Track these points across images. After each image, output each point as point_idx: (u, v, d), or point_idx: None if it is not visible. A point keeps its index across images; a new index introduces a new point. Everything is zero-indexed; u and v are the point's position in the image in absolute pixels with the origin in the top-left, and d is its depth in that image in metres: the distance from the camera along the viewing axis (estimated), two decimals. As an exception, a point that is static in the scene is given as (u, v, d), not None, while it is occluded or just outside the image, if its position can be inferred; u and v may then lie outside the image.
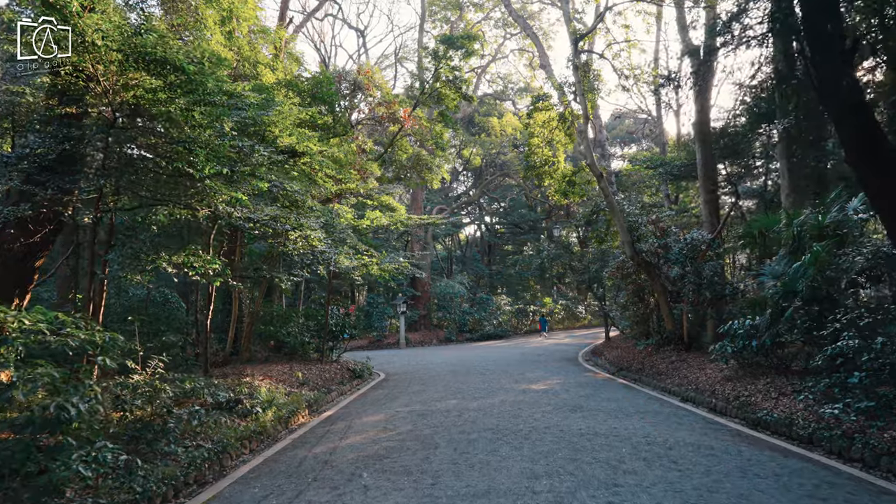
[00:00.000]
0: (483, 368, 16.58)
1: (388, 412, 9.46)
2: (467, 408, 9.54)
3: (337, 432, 7.90)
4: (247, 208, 7.62)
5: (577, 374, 14.92)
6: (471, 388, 12.19)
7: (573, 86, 17.07)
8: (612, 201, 15.62)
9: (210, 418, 6.87)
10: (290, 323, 14.43)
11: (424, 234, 32.99)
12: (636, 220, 15.66)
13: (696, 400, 10.11)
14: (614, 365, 16.09)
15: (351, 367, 15.06)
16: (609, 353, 18.68)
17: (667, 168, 20.22)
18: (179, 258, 6.56)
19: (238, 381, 10.39)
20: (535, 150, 17.71)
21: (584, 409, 9.21)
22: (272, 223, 8.24)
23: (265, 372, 11.92)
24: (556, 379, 13.72)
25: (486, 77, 37.48)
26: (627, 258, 16.18)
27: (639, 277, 16.21)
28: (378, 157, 16.86)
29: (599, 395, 10.78)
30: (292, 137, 10.38)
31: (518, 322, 34.84)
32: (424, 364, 18.91)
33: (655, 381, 12.54)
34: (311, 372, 13.32)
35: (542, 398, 10.46)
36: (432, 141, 16.54)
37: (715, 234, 14.39)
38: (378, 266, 13.98)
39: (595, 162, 15.87)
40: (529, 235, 40.44)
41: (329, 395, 11.34)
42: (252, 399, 8.37)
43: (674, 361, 13.65)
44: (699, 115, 18.44)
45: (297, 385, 11.19)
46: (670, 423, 8.03)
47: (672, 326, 14.80)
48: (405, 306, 28.74)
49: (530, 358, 19.95)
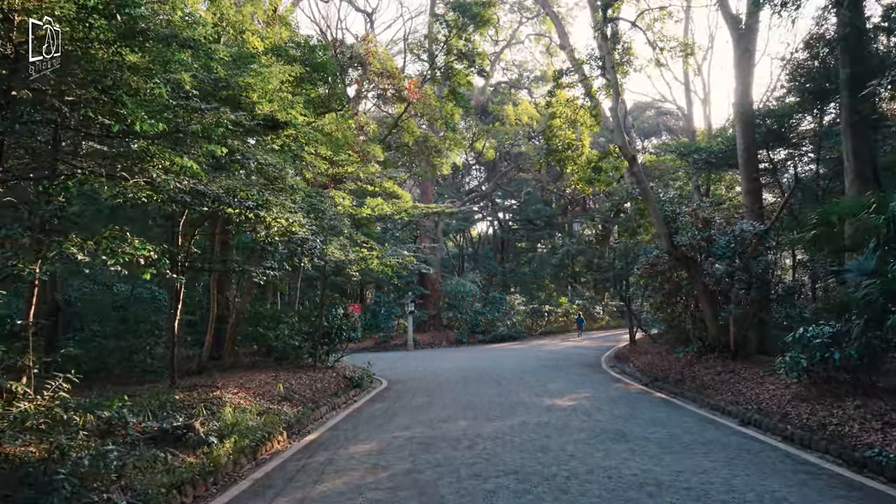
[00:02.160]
0: (497, 376, 14.75)
1: (383, 438, 7.66)
2: (481, 434, 7.71)
3: (313, 471, 6.12)
4: (197, 179, 5.85)
5: (606, 385, 13.03)
6: (484, 403, 10.37)
7: (600, 59, 15.15)
8: (646, 188, 13.70)
9: (134, 457, 5.12)
10: (281, 324, 12.71)
11: (434, 229, 31.18)
12: (673, 210, 13.72)
13: (763, 424, 8.18)
14: (646, 374, 14.17)
15: (348, 375, 13.30)
16: (638, 360, 16.76)
17: (701, 155, 18.21)
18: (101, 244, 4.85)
19: (206, 395, 8.66)
20: (557, 133, 15.82)
21: (629, 437, 7.34)
22: (227, 199, 6.47)
23: (243, 382, 10.18)
24: (584, 392, 11.85)
25: (500, 65, 35.51)
26: (663, 253, 14.25)
27: (675, 275, 14.28)
28: (382, 140, 15.07)
29: (641, 416, 8.90)
30: (273, 104, 8.63)
31: (533, 323, 32.89)
32: (432, 369, 17.12)
33: (702, 397, 10.63)
34: (300, 381, 11.57)
35: (573, 420, 8.60)
36: (442, 121, 14.73)
37: (769, 225, 12.42)
38: (378, 260, 12.19)
39: (626, 143, 13.96)
40: (544, 232, 38.47)
41: (317, 412, 9.57)
42: (209, 424, 6.62)
43: (720, 373, 11.72)
44: (740, 94, 16.43)
45: (277, 400, 9.43)
46: (746, 462, 6.15)
47: (716, 331, 12.86)
48: (413, 305, 26.97)
49: (549, 363, 18.08)
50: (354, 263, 11.92)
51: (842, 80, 12.36)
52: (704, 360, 12.71)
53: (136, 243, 5.04)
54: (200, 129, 5.67)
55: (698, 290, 13.12)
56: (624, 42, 15.48)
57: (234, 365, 12.93)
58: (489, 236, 47.53)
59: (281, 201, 7.45)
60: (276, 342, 12.31)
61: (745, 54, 16.24)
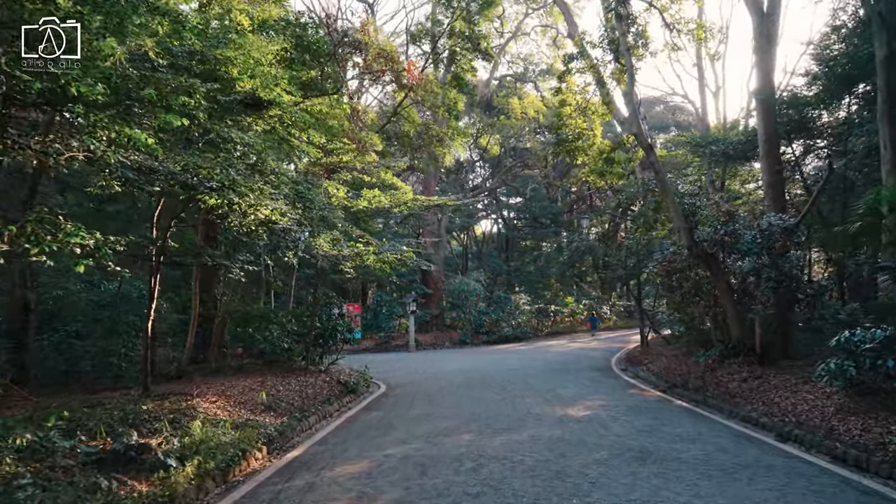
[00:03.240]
0: (503, 379, 13.81)
1: (375, 457, 6.73)
2: (486, 452, 6.77)
3: (288, 501, 5.19)
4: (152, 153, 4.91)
5: (620, 391, 12.08)
6: (490, 413, 9.43)
7: (613, 43, 14.20)
8: (664, 179, 12.72)
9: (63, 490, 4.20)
10: (271, 325, 11.80)
11: (437, 226, 30.23)
12: (693, 204, 12.74)
13: (805, 440, 7.21)
14: (662, 379, 13.20)
15: (343, 379, 12.37)
16: (652, 363, 15.78)
17: (719, 147, 17.19)
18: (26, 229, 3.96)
19: (178, 404, 7.75)
20: (567, 122, 14.85)
21: (656, 457, 6.39)
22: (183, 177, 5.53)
23: (225, 389, 9.27)
24: (598, 398, 10.89)
25: (505, 57, 34.53)
26: (681, 248, 13.28)
27: (694, 273, 13.30)
28: (380, 129, 14.13)
29: (665, 429, 7.94)
30: (255, 80, 7.72)
31: (538, 323, 31.89)
32: (434, 372, 16.19)
33: (728, 406, 9.66)
34: (289, 387, 10.66)
35: (589, 434, 7.65)
36: (444, 108, 13.80)
37: (799, 219, 11.42)
38: (375, 255, 11.26)
39: (642, 131, 12.99)
40: (550, 229, 37.41)
41: (305, 422, 8.64)
42: (171, 441, 5.70)
43: (747, 379, 10.75)
44: (761, 82, 15.44)
45: (260, 409, 8.51)
46: (801, 491, 5.19)
47: (740, 333, 11.89)
48: (415, 305, 26.02)
49: (557, 366, 17.12)
50: (349, 259, 11.00)
51: (878, 62, 11.32)
52: (728, 365, 11.73)
53: (69, 228, 4.14)
54: (155, 96, 4.74)
55: (720, 288, 12.14)
56: (638, 25, 14.52)
57: (219, 369, 12.02)
58: (493, 235, 46.52)
59: (258, 186, 6.54)
60: (264, 344, 11.40)
61: (766, 40, 15.25)
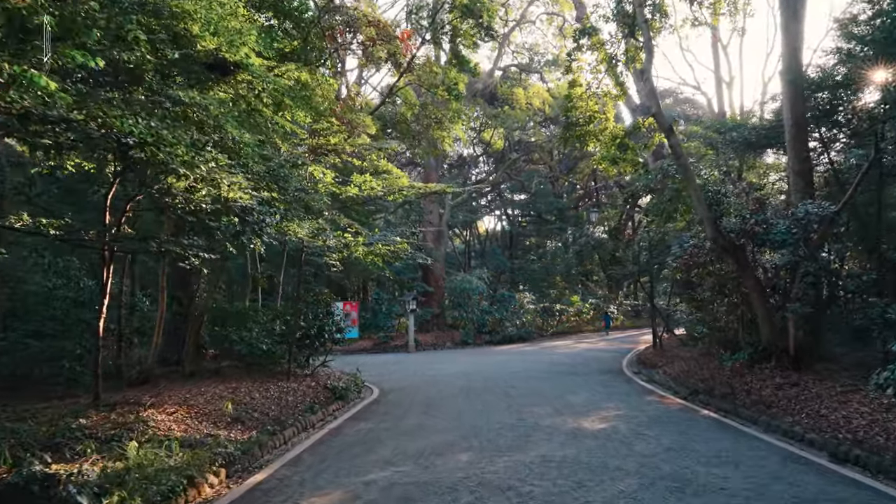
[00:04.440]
0: (507, 384, 12.65)
1: (353, 485, 5.55)
2: (487, 478, 5.59)
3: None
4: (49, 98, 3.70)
5: (637, 398, 10.89)
6: (492, 425, 8.26)
7: (628, 17, 13.01)
8: (685, 163, 11.51)
9: None
10: (251, 323, 10.66)
11: (438, 221, 29.05)
12: (717, 191, 11.53)
13: (870, 464, 5.97)
14: (682, 384, 12.00)
15: (331, 384, 11.21)
16: (668, 366, 14.57)
17: (740, 133, 15.96)
18: None
19: (126, 417, 6.61)
20: (577, 104, 13.64)
21: (696, 486, 5.20)
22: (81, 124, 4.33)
23: (191, 397, 8.13)
24: (613, 407, 9.71)
25: (510, 47, 33.25)
26: (703, 241, 12.09)
27: (719, 267, 12.09)
28: (374, 111, 12.98)
29: (698, 447, 6.75)
30: (219, 38, 6.57)
31: (543, 323, 30.66)
32: (433, 375, 15.04)
33: (765, 418, 8.44)
34: (267, 394, 9.51)
35: (610, 453, 6.46)
36: (443, 88, 12.61)
37: (840, 206, 10.21)
38: (365, 247, 10.10)
39: (661, 110, 11.79)
40: (555, 225, 36.14)
41: (279, 436, 7.48)
42: (85, 473, 4.53)
43: (782, 386, 9.54)
44: (788, 60, 14.17)
45: (226, 422, 7.35)
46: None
47: (771, 334, 10.69)
48: (415, 303, 24.83)
49: (565, 369, 15.94)
50: (335, 251, 9.85)
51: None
52: (758, 370, 10.54)
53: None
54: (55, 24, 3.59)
55: (749, 284, 10.93)
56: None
57: (195, 373, 10.91)
58: (497, 233, 45.24)
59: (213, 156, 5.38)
60: (240, 345, 10.26)
61: (792, 14, 14.03)
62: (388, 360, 19.95)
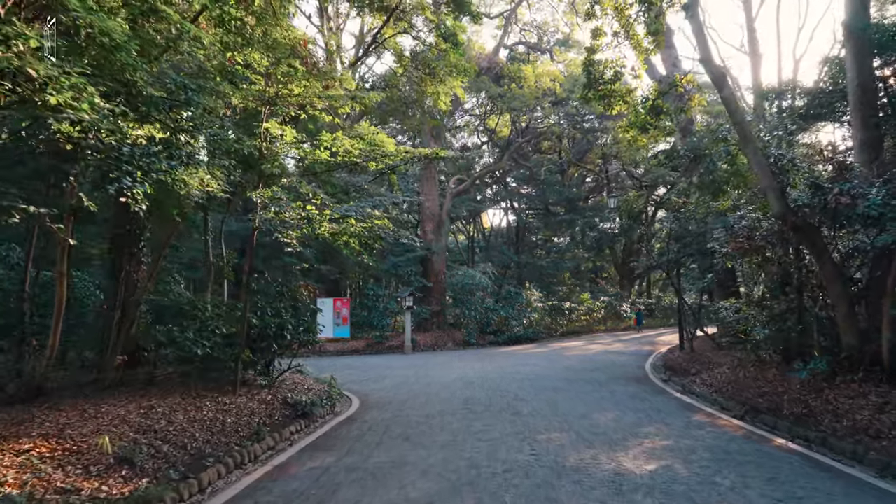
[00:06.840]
0: (516, 397, 10.33)
1: None
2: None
3: None
4: None
5: (680, 417, 8.51)
6: (496, 467, 5.90)
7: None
8: (741, 121, 9.11)
9: None
10: (187, 321, 8.36)
11: (440, 211, 26.69)
12: (784, 155, 9.14)
13: None
14: (730, 398, 9.64)
15: (294, 398, 8.88)
16: (705, 374, 12.20)
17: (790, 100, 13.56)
18: None
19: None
20: (602, 61, 11.27)
21: None
22: None
23: (73, 423, 5.81)
24: (655, 433, 7.35)
25: (517, 25, 30.84)
26: (759, 221, 9.70)
27: (779, 253, 9.69)
28: (354, 63, 10.66)
29: (813, 515, 4.40)
30: None
31: (552, 322, 28.25)
32: (428, 383, 12.72)
33: (874, 454, 6.08)
34: (199, 413, 7.18)
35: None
36: (439, 34, 10.26)
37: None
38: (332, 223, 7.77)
39: (711, 57, 9.39)
40: (565, 217, 33.66)
41: (189, 484, 5.16)
42: None
43: (883, 408, 7.14)
44: (853, 10, 11.79)
45: (105, 467, 5.01)
46: None
47: (855, 339, 8.29)
48: (412, 300, 22.49)
49: (582, 375, 13.60)
50: (292, 227, 7.55)
51: None
52: (842, 385, 8.13)
53: None
54: None
55: (826, 274, 8.53)
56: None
57: (124, 382, 8.64)
58: (503, 229, 42.79)
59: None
60: (171, 347, 7.98)
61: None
62: (380, 364, 17.62)
